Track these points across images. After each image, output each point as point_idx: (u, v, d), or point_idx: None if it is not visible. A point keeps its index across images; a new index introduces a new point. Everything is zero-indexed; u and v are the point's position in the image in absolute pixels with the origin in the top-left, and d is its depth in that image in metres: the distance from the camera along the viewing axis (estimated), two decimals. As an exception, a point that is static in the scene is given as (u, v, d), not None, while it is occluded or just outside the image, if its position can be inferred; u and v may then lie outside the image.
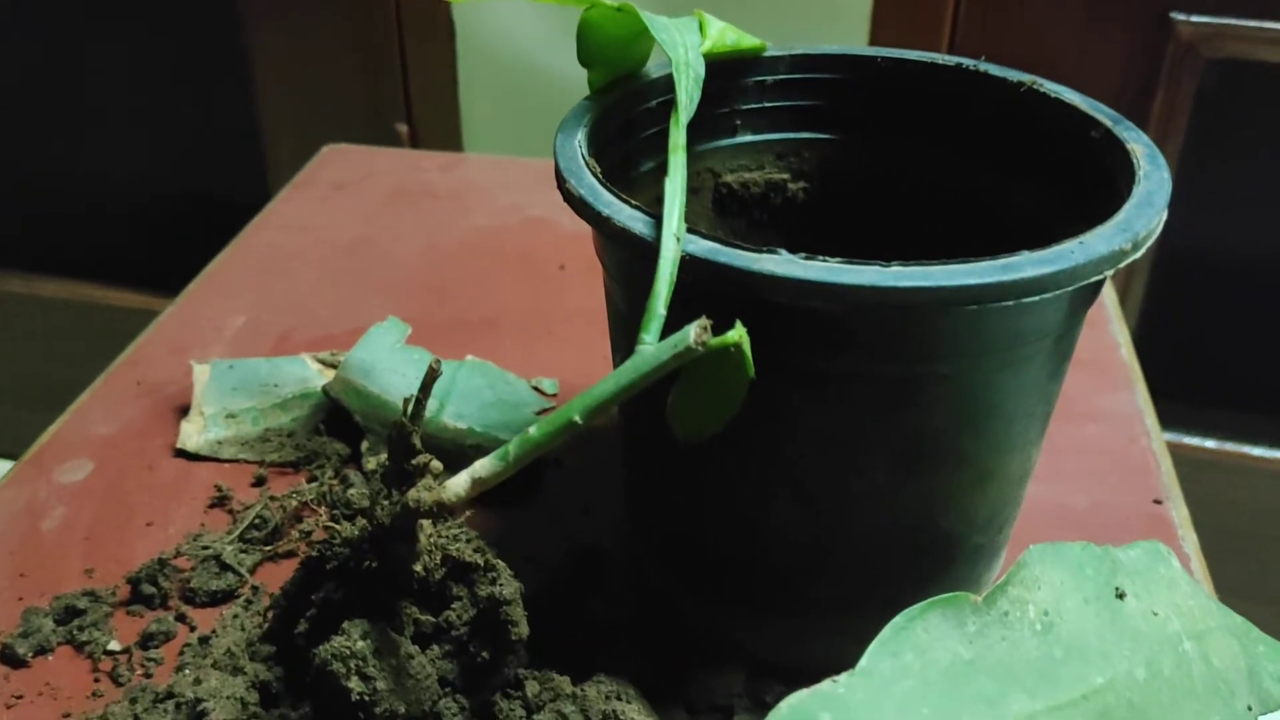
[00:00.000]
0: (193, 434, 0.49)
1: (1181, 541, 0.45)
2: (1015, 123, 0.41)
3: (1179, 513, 0.47)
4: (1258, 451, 1.00)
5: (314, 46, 1.04)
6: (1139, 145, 0.37)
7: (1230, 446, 1.00)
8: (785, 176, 0.45)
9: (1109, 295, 0.61)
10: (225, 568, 0.42)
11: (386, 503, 0.32)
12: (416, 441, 0.31)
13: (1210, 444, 1.01)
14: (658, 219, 0.32)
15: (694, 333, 0.29)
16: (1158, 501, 0.47)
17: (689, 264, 0.31)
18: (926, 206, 0.44)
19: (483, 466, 0.30)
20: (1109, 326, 0.58)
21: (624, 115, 0.40)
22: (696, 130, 0.43)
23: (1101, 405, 0.53)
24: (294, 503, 0.45)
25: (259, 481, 0.48)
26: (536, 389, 0.53)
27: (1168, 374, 0.70)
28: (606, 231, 0.33)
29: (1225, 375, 1.05)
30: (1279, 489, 1.01)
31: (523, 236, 0.67)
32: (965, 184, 0.43)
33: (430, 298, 0.61)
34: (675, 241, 0.31)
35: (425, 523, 0.33)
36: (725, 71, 0.42)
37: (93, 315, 1.24)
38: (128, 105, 1.20)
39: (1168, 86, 0.88)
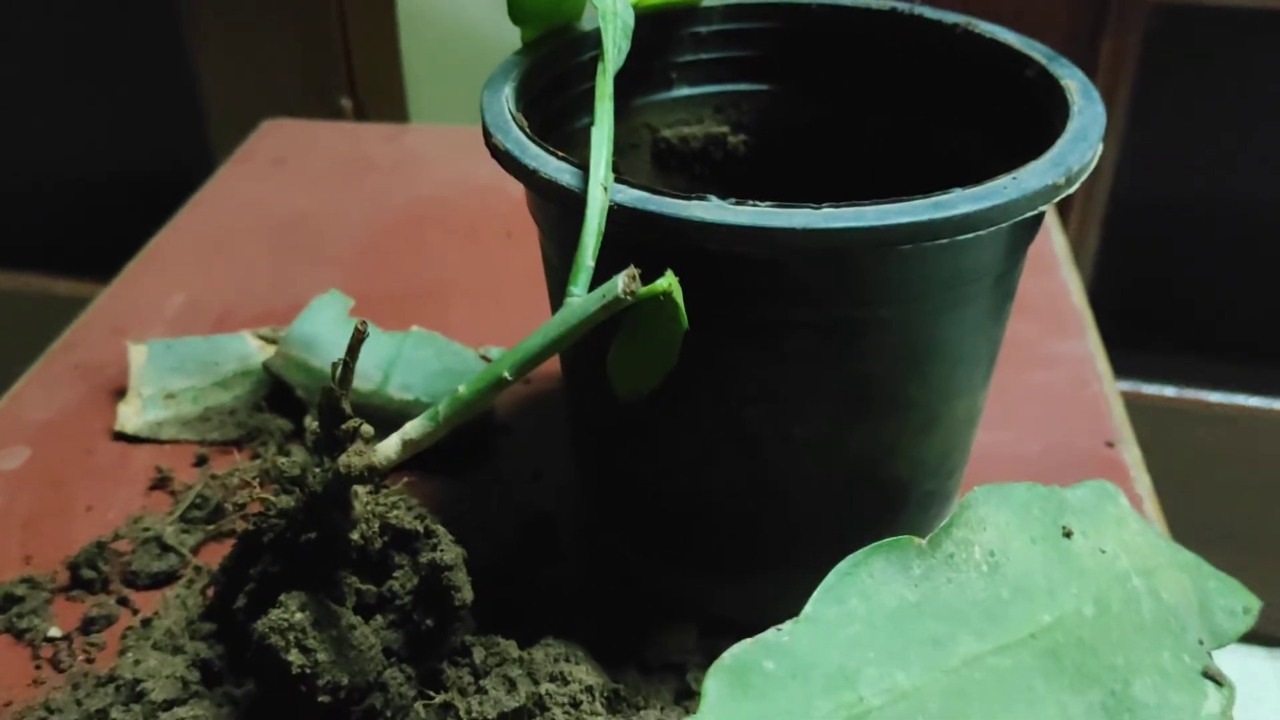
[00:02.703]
0: (130, 416, 0.48)
1: (1134, 483, 0.45)
2: (952, 65, 0.41)
3: (1131, 454, 0.47)
4: (1215, 398, 1.01)
5: (253, 22, 1.02)
6: (1073, 81, 0.36)
7: (1190, 394, 1.01)
8: (724, 130, 0.44)
9: (1058, 240, 0.61)
10: (166, 549, 0.42)
11: (318, 471, 0.31)
12: (346, 406, 0.31)
13: (1170, 391, 1.01)
14: (586, 170, 0.31)
15: (622, 282, 0.28)
16: (1110, 444, 0.47)
17: (618, 214, 0.30)
18: (868, 154, 0.44)
19: (413, 428, 0.30)
20: (1059, 272, 0.58)
21: (555, 70, 0.39)
22: (633, 84, 0.42)
23: (1053, 351, 0.53)
24: (235, 480, 0.44)
25: (200, 461, 0.47)
26: (484, 358, 0.52)
27: (1125, 323, 0.70)
28: (534, 185, 0.32)
29: (1182, 322, 1.05)
30: (1237, 433, 1.02)
31: (469, 205, 0.66)
32: (905, 129, 0.43)
33: (375, 270, 0.60)
34: (603, 191, 0.30)
35: (360, 489, 0.32)
36: (660, 23, 0.41)
37: (31, 305, 1.21)
38: (58, 85, 1.17)
39: (1115, 32, 0.88)
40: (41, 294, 1.21)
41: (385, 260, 0.61)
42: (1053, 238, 0.61)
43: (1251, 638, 0.35)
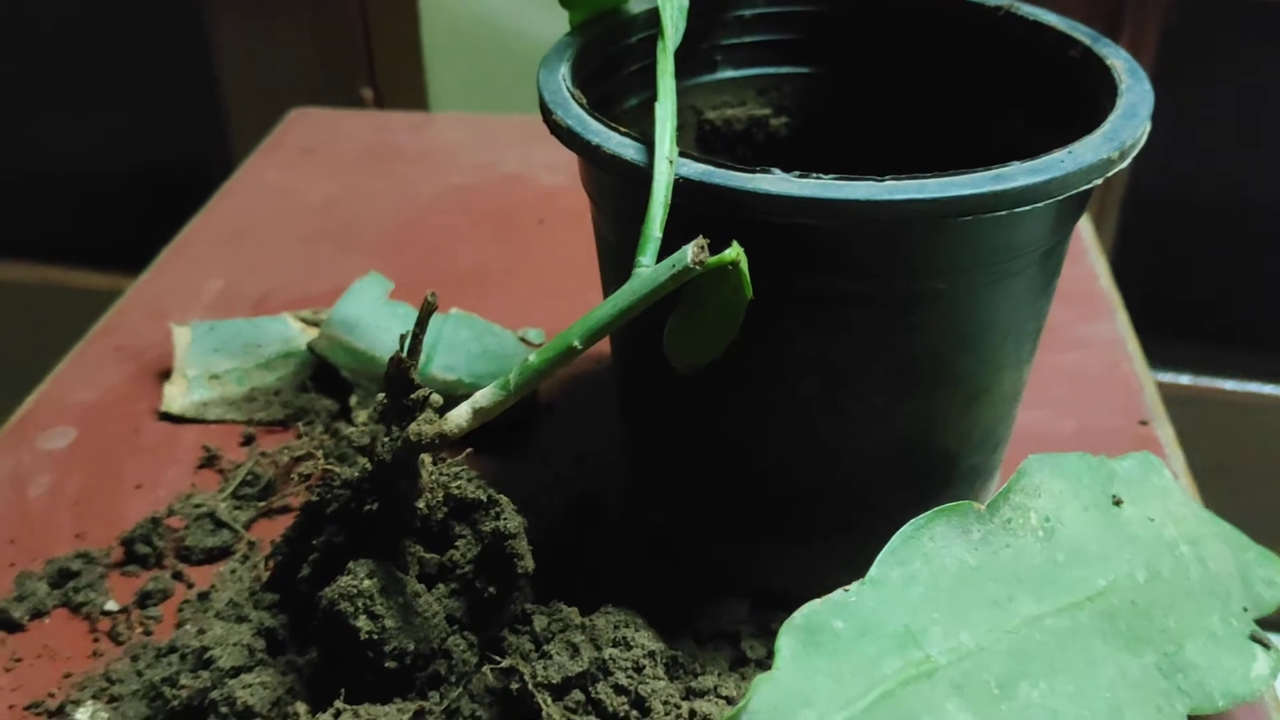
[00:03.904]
0: (176, 396, 0.49)
1: (1169, 459, 0.46)
2: (995, 47, 0.41)
3: (1165, 432, 0.48)
4: (1230, 385, 1.02)
5: (273, 11, 1.02)
6: (1119, 60, 0.37)
7: (1205, 382, 1.02)
8: (767, 112, 0.45)
9: (1086, 227, 0.62)
10: (220, 524, 0.42)
11: (386, 440, 0.32)
12: (415, 376, 0.31)
13: (1185, 380, 1.02)
14: (649, 145, 0.32)
15: (691, 252, 0.29)
16: (1144, 422, 0.48)
17: (683, 187, 0.31)
18: (909, 137, 0.44)
19: (483, 396, 0.30)
20: (1087, 257, 0.59)
21: (605, 51, 0.40)
22: (678, 66, 0.43)
23: (1083, 333, 0.53)
24: (286, 458, 0.45)
25: (248, 440, 0.47)
26: (523, 340, 0.53)
27: (1140, 311, 0.71)
28: (597, 160, 0.33)
29: (1199, 311, 1.06)
30: (1253, 421, 1.02)
31: (499, 193, 0.67)
32: (947, 112, 0.43)
33: (409, 256, 0.61)
34: (669, 164, 0.31)
35: (426, 458, 0.32)
36: (705, 6, 0.42)
37: (61, 299, 1.22)
38: (81, 80, 1.18)
39: (1134, 23, 0.89)
40: (60, 286, 1.21)
41: (417, 246, 0.62)
42: (1080, 223, 0.62)
43: (1264, 624, 0.36)
